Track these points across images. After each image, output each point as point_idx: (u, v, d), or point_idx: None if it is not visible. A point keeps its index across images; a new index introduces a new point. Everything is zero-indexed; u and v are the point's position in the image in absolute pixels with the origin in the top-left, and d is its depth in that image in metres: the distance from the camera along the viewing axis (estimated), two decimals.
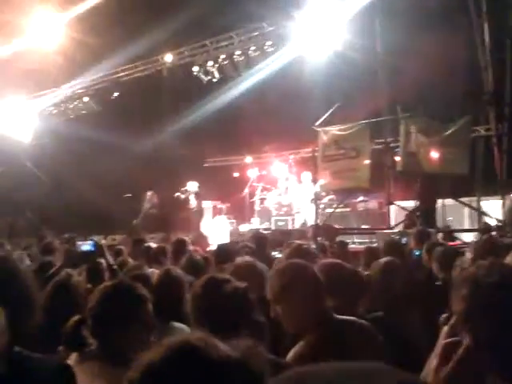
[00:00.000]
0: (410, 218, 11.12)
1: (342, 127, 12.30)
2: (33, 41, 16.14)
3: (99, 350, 2.44)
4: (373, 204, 13.47)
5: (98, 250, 5.21)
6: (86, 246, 5.36)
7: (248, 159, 17.05)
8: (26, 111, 20.16)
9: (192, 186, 14.92)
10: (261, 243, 7.00)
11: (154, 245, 7.26)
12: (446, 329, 1.66)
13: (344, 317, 2.82)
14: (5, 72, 17.75)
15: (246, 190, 16.10)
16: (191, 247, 6.78)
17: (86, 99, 18.32)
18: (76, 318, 2.57)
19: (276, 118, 15.55)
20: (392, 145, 12.52)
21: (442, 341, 1.56)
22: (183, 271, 4.59)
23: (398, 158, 12.06)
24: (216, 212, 15.91)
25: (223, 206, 16.18)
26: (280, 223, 14.11)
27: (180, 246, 6.51)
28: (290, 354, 2.66)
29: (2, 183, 19.84)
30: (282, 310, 2.66)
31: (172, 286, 3.80)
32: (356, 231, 12.91)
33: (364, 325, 2.90)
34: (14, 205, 18.91)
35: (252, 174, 16.19)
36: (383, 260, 4.37)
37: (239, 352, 1.08)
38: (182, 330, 3.21)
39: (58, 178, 19.45)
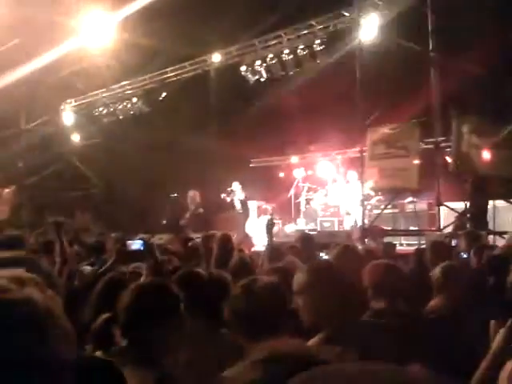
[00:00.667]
0: (461, 219, 10.79)
1: (392, 126, 12.04)
2: (83, 42, 16.40)
3: (128, 350, 2.36)
4: (422, 205, 13.16)
5: (148, 248, 5.20)
6: (135, 244, 5.40)
7: (294, 159, 16.90)
8: (75, 111, 20.58)
9: (237, 186, 14.91)
10: (307, 244, 6.89)
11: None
12: (502, 333, 1.56)
13: (369, 320, 2.88)
14: (56, 72, 18.14)
15: (292, 191, 15.99)
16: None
17: (134, 100, 18.51)
18: (106, 315, 2.53)
19: (323, 116, 15.38)
20: (443, 145, 12.20)
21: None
22: (233, 271, 4.55)
23: (449, 159, 11.75)
24: (261, 212, 15.84)
25: (268, 207, 16.09)
26: (326, 224, 13.93)
27: (225, 243, 6.46)
28: None
29: (52, 183, 20.28)
30: (302, 303, 2.78)
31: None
32: (404, 233, 12.64)
33: (391, 327, 2.89)
34: (63, 205, 19.28)
35: (298, 174, 16.07)
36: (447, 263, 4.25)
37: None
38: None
39: (107, 178, 19.75)
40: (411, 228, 12.80)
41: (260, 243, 12.93)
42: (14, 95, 17.59)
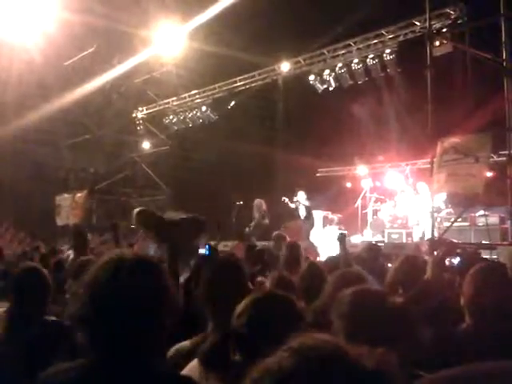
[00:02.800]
0: None
1: (463, 137, 11.75)
2: (155, 51, 16.80)
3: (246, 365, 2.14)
4: (494, 219, 12.75)
5: (214, 254, 5.26)
6: (202, 250, 5.47)
7: (361, 169, 16.71)
8: (146, 118, 21.08)
9: (302, 195, 14.89)
10: (373, 254, 6.81)
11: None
12: None
13: None
14: (129, 80, 18.67)
15: (359, 201, 15.83)
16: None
17: (203, 108, 18.80)
18: (218, 334, 2.27)
19: (392, 127, 15.19)
20: None
21: None
22: (304, 276, 4.55)
23: None
24: (327, 222, 15.73)
25: (335, 217, 15.98)
26: (394, 236, 13.70)
27: (294, 250, 6.47)
28: None
29: (122, 189, 20.82)
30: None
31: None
32: (475, 246, 12.28)
33: None
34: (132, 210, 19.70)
35: (365, 184, 15.89)
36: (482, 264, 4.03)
37: (374, 361, 1.00)
38: None
39: (175, 185, 20.11)
40: (482, 242, 12.43)
41: (325, 253, 12.86)
42: (89, 102, 18.17)
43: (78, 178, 20.87)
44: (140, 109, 20.94)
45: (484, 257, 9.12)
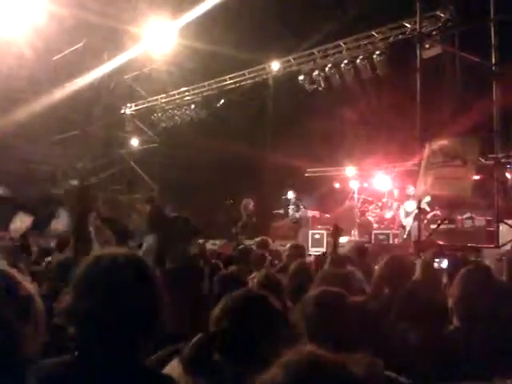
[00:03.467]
0: None
1: (451, 139, 11.81)
2: (145, 48, 16.74)
3: (230, 362, 2.11)
4: (480, 221, 12.83)
5: (200, 252, 5.27)
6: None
7: (349, 170, 16.74)
8: (135, 115, 21.01)
9: (291, 195, 14.92)
10: (360, 254, 6.84)
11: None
12: None
13: None
14: (118, 77, 18.60)
15: (347, 202, 15.88)
16: None
17: (192, 106, 18.76)
18: (200, 336, 2.16)
19: (380, 128, 15.24)
20: (503, 160, 11.91)
21: None
22: (292, 276, 4.58)
23: (508, 175, 11.47)
24: (315, 222, 15.76)
25: (323, 217, 16.01)
26: (381, 237, 13.76)
27: (297, 251, 6.53)
28: None
29: (110, 186, 20.73)
30: None
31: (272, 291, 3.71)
32: (461, 249, 12.33)
33: None
34: (121, 207, 19.66)
35: (353, 185, 15.94)
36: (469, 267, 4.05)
37: (362, 370, 1.01)
38: None
39: (163, 182, 20.05)
40: (469, 244, 12.49)
41: (312, 253, 12.89)
42: (78, 98, 18.06)
43: (66, 175, 20.73)
44: (129, 105, 20.86)
45: (471, 259, 9.17)
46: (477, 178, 11.71)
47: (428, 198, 12.05)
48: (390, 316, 3.18)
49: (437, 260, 7.04)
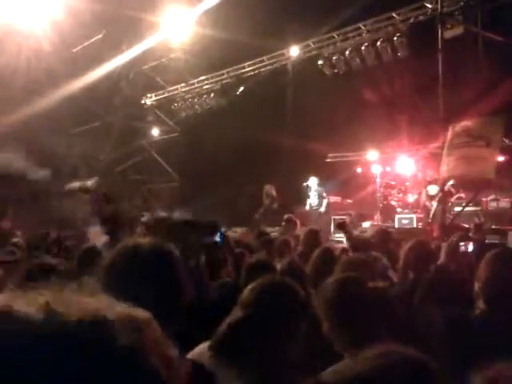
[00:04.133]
0: None
1: (475, 120, 11.60)
2: (164, 37, 16.73)
3: (256, 351, 2.12)
4: (505, 203, 12.64)
5: (225, 241, 5.24)
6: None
7: (372, 154, 16.57)
8: (155, 105, 21.04)
9: (313, 181, 14.82)
10: (383, 239, 6.74)
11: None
12: None
13: None
14: (138, 67, 18.61)
15: (370, 187, 15.75)
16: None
17: (212, 94, 18.72)
18: (229, 321, 2.20)
19: (403, 111, 15.04)
20: None
21: None
22: (315, 262, 4.52)
23: None
24: (336, 208, 15.66)
25: (345, 202, 15.92)
26: (404, 221, 13.63)
27: (312, 236, 6.45)
28: None
29: (132, 176, 20.84)
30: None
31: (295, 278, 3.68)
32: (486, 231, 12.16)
33: None
34: (142, 197, 19.77)
35: (376, 169, 15.79)
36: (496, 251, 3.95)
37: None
38: None
39: (185, 172, 20.09)
40: (493, 227, 12.31)
41: (334, 239, 12.83)
42: (97, 89, 18.13)
43: (88, 166, 20.87)
44: (149, 95, 20.89)
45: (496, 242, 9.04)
46: (501, 159, 11.51)
47: (451, 182, 11.86)
48: (414, 300, 3.12)
49: (462, 244, 6.93)
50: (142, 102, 21.07)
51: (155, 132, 21.79)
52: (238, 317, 2.20)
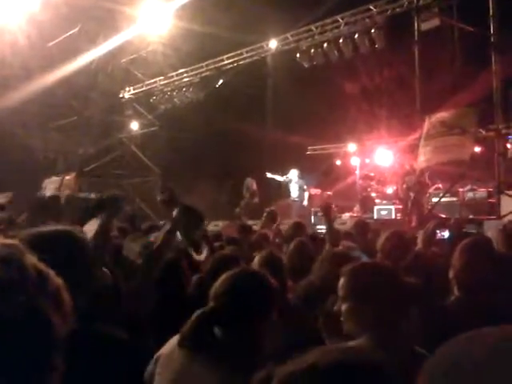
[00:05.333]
0: None
1: (450, 111, 11.75)
2: (142, 30, 16.63)
3: (229, 338, 2.19)
4: (481, 193, 12.80)
5: (203, 234, 5.27)
6: None
7: (351, 147, 16.68)
8: (134, 99, 20.93)
9: (294, 173, 14.88)
10: (362, 230, 6.82)
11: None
12: None
13: None
14: (115, 60, 18.49)
15: (349, 179, 15.86)
16: None
17: (191, 87, 18.68)
18: (200, 311, 2.24)
19: (380, 103, 15.17)
20: (504, 131, 11.86)
21: None
22: (292, 255, 4.56)
23: (509, 145, 11.42)
24: (316, 200, 15.74)
25: (324, 195, 16.00)
26: (383, 212, 13.75)
27: (298, 229, 6.48)
28: None
29: (111, 170, 20.72)
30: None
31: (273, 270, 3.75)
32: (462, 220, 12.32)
33: None
34: (125, 192, 19.65)
35: (355, 161, 15.89)
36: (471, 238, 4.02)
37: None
38: None
39: (165, 166, 20.03)
40: (470, 217, 12.48)
41: (314, 230, 12.89)
42: (74, 83, 17.99)
43: (67, 161, 20.71)
44: (127, 89, 20.77)
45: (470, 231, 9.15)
46: (478, 149, 11.67)
47: (421, 158, 11.94)
48: None
49: (439, 231, 7.04)
50: (121, 95, 20.94)
51: (134, 126, 21.66)
52: (205, 309, 2.23)
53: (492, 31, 12.00)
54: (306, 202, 14.80)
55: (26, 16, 14.56)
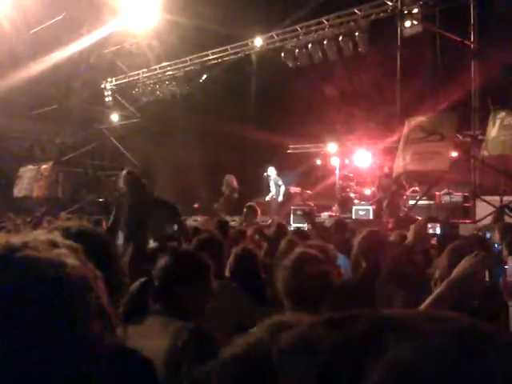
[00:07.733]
0: (499, 212, 10.68)
1: (429, 115, 11.98)
2: (126, 22, 16.57)
3: (163, 308, 2.52)
4: (458, 197, 13.09)
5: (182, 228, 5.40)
6: None
7: (331, 147, 16.87)
8: (116, 90, 20.80)
9: (272, 171, 14.99)
10: (340, 229, 6.98)
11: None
12: None
13: None
14: (99, 51, 18.40)
15: (329, 179, 16.03)
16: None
17: (174, 81, 18.64)
18: (142, 280, 2.59)
19: (361, 105, 15.37)
20: (480, 137, 12.13)
21: None
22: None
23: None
24: (296, 198, 15.90)
25: (304, 194, 16.16)
26: (361, 213, 13.94)
27: (281, 229, 6.68)
28: None
29: (90, 161, 20.62)
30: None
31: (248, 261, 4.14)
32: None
33: None
34: (103, 184, 19.58)
35: (335, 162, 16.08)
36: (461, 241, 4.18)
37: None
38: None
39: (144, 158, 19.95)
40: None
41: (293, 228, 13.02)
42: (57, 72, 17.84)
43: (44, 150, 20.54)
44: (109, 80, 20.61)
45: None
46: (455, 154, 11.91)
47: (400, 163, 12.18)
48: (378, 279, 3.31)
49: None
50: (102, 86, 20.77)
51: (115, 117, 21.49)
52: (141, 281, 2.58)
53: (472, 39, 12.28)
54: (280, 198, 14.92)
55: (9, 1, 14.45)
